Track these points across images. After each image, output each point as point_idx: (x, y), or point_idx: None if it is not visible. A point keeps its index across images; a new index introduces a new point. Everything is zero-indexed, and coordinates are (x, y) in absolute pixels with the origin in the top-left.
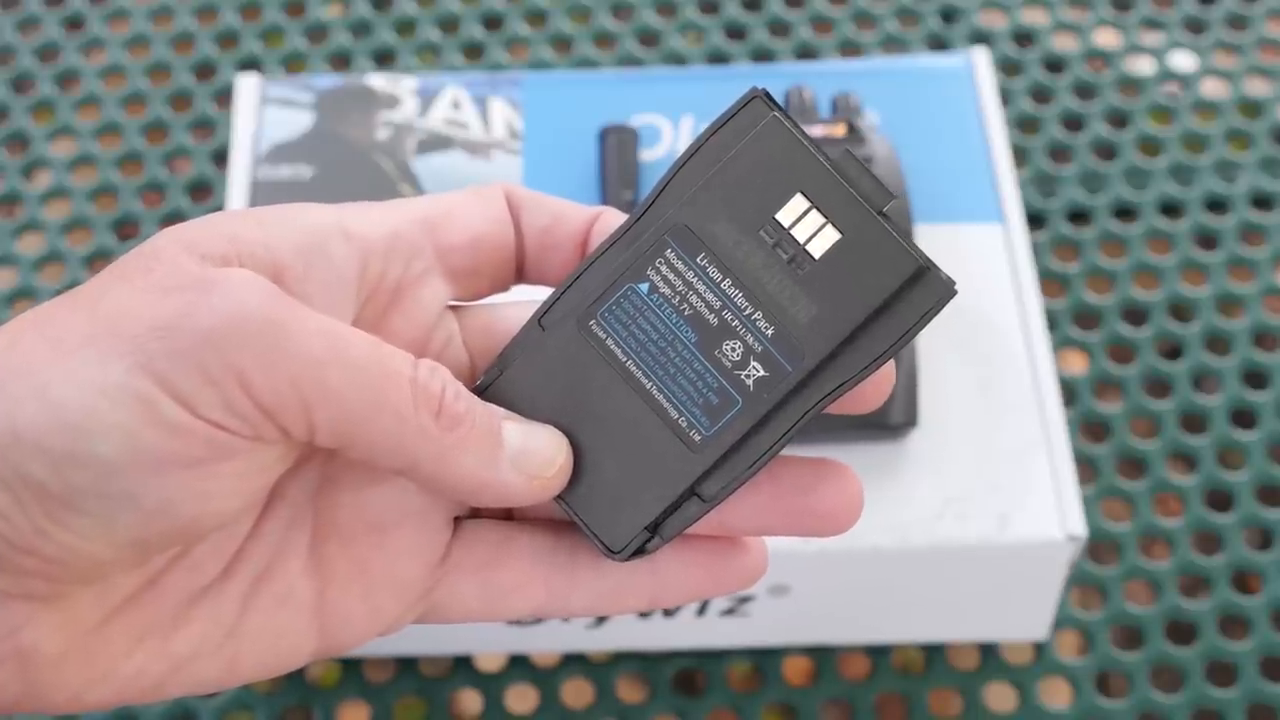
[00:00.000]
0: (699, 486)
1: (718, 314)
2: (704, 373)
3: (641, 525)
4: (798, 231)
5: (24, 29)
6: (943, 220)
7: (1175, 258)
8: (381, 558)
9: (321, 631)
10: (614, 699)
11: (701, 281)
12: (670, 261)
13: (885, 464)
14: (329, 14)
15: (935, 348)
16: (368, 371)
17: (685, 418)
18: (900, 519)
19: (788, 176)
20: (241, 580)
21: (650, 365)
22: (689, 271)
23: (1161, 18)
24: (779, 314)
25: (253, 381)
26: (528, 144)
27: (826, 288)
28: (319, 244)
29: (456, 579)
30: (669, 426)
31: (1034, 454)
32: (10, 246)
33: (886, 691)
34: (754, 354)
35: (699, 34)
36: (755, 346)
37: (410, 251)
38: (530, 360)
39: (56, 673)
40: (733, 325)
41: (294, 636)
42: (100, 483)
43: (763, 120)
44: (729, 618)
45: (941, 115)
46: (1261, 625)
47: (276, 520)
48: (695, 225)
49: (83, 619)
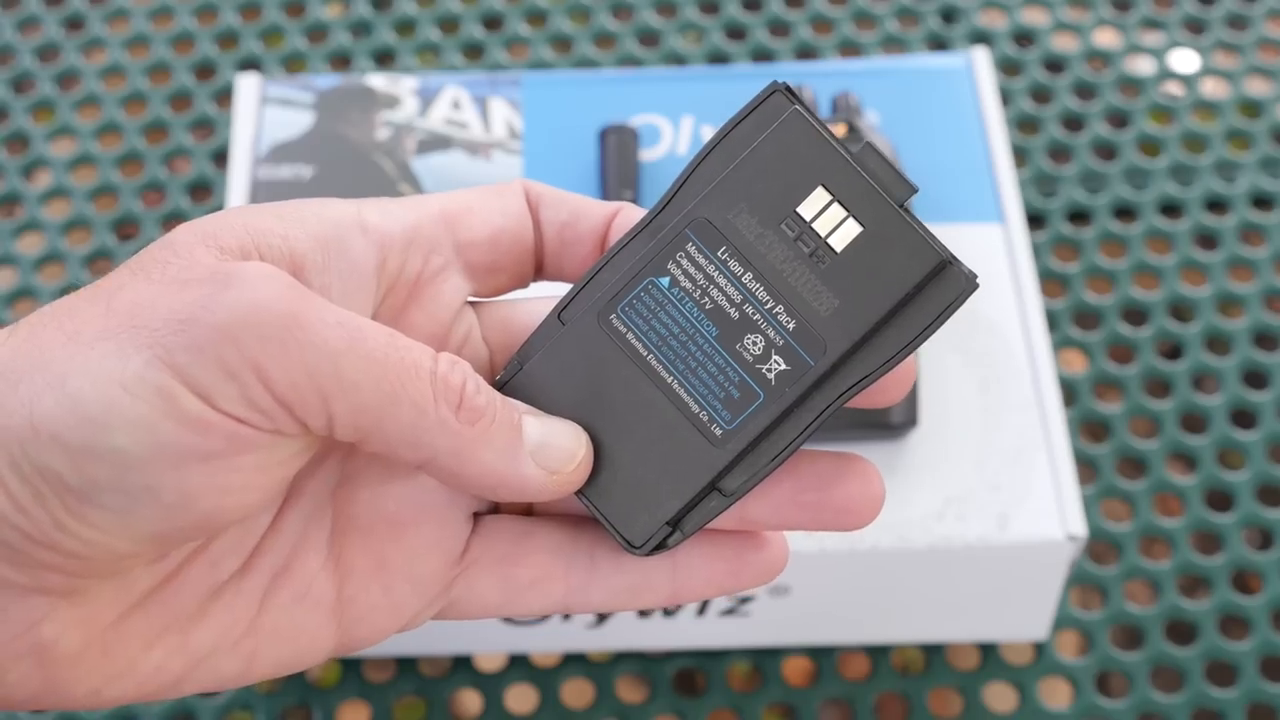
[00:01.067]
0: (720, 481)
1: (739, 308)
2: (725, 367)
3: (662, 520)
4: (819, 225)
5: (24, 29)
6: (943, 220)
7: (1175, 258)
8: (401, 553)
9: (340, 628)
10: (614, 699)
11: (723, 275)
12: (691, 255)
13: (885, 464)
14: (329, 14)
15: (935, 348)
16: (386, 363)
17: (706, 412)
18: (900, 519)
19: (809, 169)
20: (261, 576)
21: (671, 359)
22: (710, 265)
23: (1161, 18)
24: (801, 307)
25: (270, 374)
26: (528, 144)
27: (848, 281)
28: (338, 237)
29: (476, 574)
30: (690, 420)
31: (1034, 454)
32: (10, 246)
33: (886, 691)
34: (776, 348)
35: (699, 34)
36: (777, 340)
37: (429, 246)
38: (550, 355)
39: (75, 668)
40: (754, 319)
41: (313, 632)
42: (119, 476)
43: (784, 113)
44: (729, 618)
45: (941, 115)
46: (1261, 625)
47: (295, 516)
48: (716, 218)
49: (102, 614)
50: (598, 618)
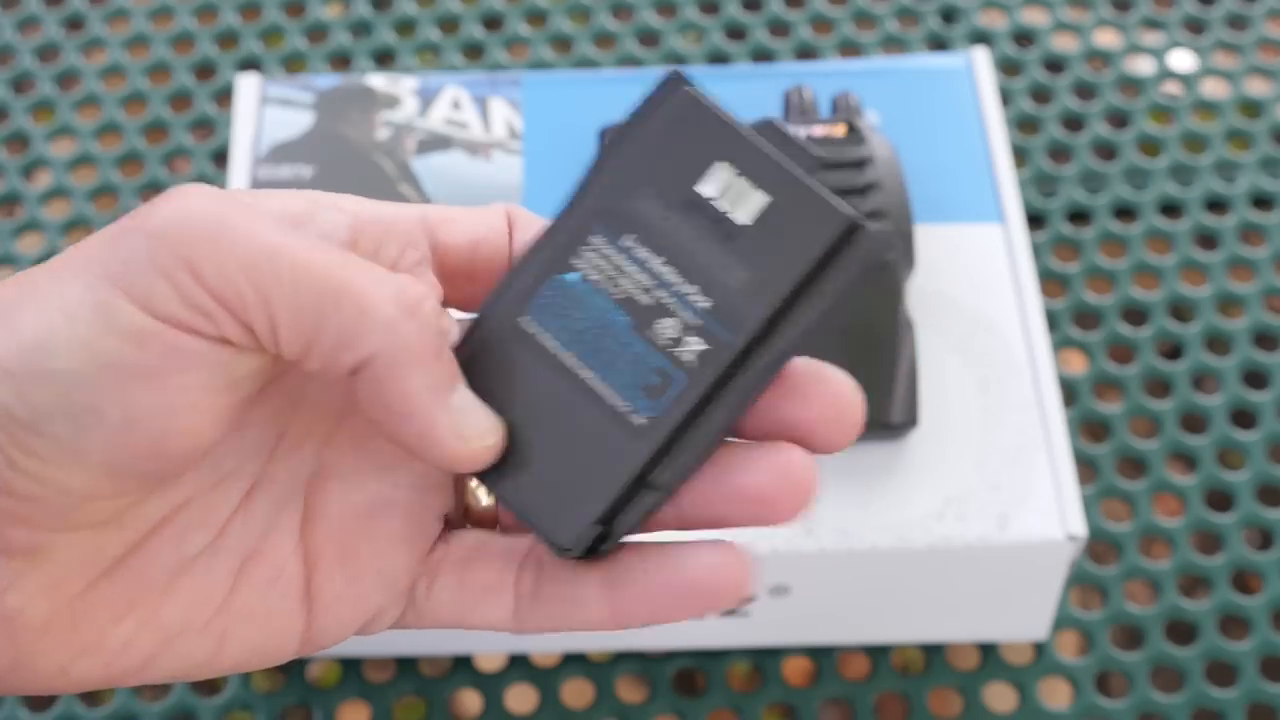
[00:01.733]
0: (652, 476)
1: (650, 293)
2: (643, 354)
3: (590, 519)
4: (724, 201)
5: (24, 29)
6: (943, 220)
7: (1175, 258)
8: (370, 545)
9: (309, 618)
10: (614, 699)
11: (631, 262)
12: (597, 246)
13: (885, 464)
14: (329, 14)
15: (935, 348)
16: (329, 259)
17: (626, 403)
18: (900, 519)
19: (709, 148)
20: (231, 556)
21: (586, 353)
22: (617, 254)
23: (1161, 18)
24: (713, 285)
25: (204, 270)
26: (528, 144)
27: (758, 252)
28: (310, 211)
29: (437, 576)
30: (609, 413)
31: (1034, 454)
32: (10, 246)
33: (886, 691)
34: (692, 329)
35: (699, 34)
36: (693, 321)
37: (406, 239)
38: (467, 363)
39: (42, 640)
40: (666, 303)
41: (284, 617)
42: (63, 399)
43: (678, 98)
44: (729, 618)
45: (941, 115)
46: (1261, 625)
47: (266, 501)
48: (619, 206)
49: (69, 582)
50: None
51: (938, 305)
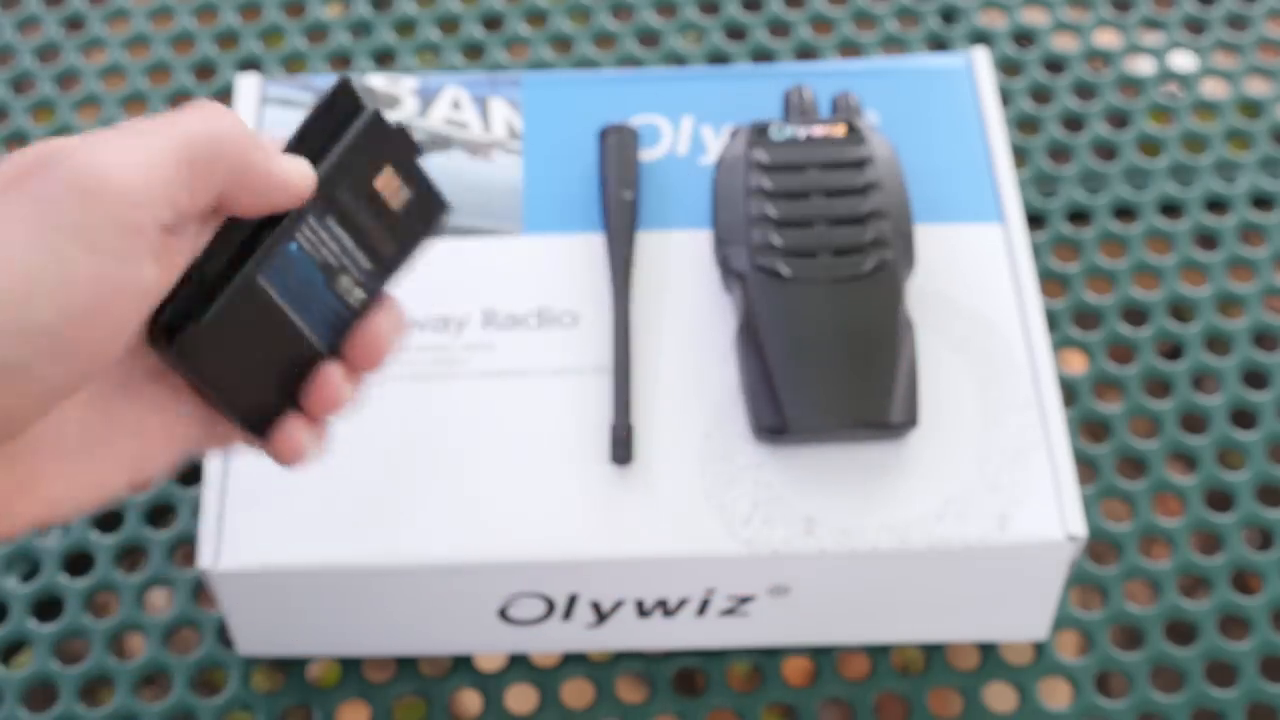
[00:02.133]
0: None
1: (338, 258)
2: (330, 302)
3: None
4: (387, 193)
5: (24, 29)
6: (943, 220)
7: (1175, 258)
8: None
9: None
10: (614, 699)
11: (330, 236)
12: (311, 224)
13: (885, 464)
14: (329, 14)
15: (935, 348)
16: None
17: (317, 336)
18: (900, 519)
19: (382, 152)
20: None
21: (294, 302)
22: (321, 230)
23: (1161, 18)
24: (373, 252)
25: None
26: (528, 144)
27: (401, 230)
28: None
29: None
30: (307, 344)
31: (1034, 454)
32: None
33: (886, 691)
34: (359, 283)
35: (699, 34)
36: (360, 278)
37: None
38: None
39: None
40: (346, 265)
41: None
42: None
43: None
44: (729, 618)
45: (941, 115)
46: (1261, 625)
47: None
48: (327, 195)
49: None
50: (597, 617)
51: (938, 305)
